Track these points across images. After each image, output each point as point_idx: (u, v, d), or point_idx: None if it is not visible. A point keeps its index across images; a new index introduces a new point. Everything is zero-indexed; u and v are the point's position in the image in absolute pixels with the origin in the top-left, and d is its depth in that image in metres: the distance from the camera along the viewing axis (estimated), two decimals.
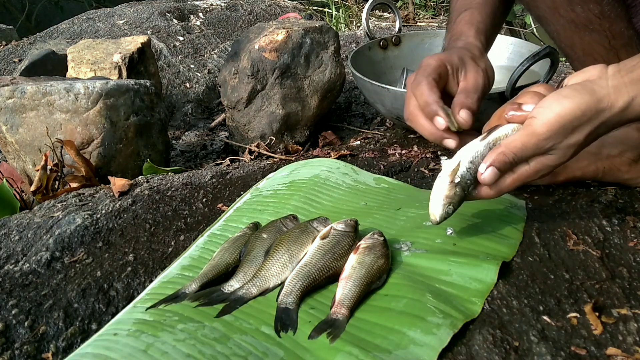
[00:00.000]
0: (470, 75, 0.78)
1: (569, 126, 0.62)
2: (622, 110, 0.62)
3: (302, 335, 0.61)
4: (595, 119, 0.62)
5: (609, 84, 0.62)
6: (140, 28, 2.36)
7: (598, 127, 0.63)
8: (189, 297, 0.68)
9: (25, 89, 1.16)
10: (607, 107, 0.62)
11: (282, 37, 1.34)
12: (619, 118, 0.62)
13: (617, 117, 0.62)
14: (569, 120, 0.62)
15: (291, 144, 1.37)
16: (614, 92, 0.61)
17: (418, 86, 0.74)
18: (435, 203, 0.70)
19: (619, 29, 0.77)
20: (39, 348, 0.67)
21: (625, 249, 0.74)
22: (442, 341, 0.58)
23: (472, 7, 0.88)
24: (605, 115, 0.62)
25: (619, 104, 0.61)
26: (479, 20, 0.86)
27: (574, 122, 0.62)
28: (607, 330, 0.60)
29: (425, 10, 3.28)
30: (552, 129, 0.62)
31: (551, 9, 0.80)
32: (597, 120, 0.62)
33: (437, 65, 0.76)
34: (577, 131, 0.63)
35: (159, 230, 0.90)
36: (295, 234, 0.75)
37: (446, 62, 0.77)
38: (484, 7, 0.88)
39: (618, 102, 0.61)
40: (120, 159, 1.22)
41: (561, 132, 0.63)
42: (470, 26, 0.86)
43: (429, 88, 0.73)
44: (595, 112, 0.62)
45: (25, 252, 0.86)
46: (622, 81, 0.62)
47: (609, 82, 0.62)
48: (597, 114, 0.62)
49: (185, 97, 1.88)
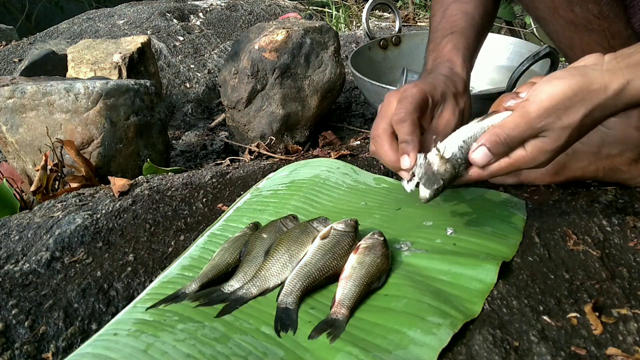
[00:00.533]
0: (445, 114, 0.77)
1: (561, 106, 0.62)
2: (617, 93, 0.62)
3: (302, 335, 0.61)
4: (589, 101, 0.62)
5: (603, 68, 0.63)
6: (140, 28, 2.36)
7: (593, 110, 0.62)
8: (189, 297, 0.68)
9: (25, 89, 1.16)
10: (600, 89, 0.62)
11: (282, 37, 1.34)
12: (615, 101, 0.62)
13: (612, 100, 0.62)
14: (560, 99, 0.62)
15: (291, 144, 1.37)
16: (608, 75, 0.62)
17: (401, 123, 0.72)
18: (426, 182, 0.69)
19: (618, 29, 0.77)
20: (39, 348, 0.67)
21: (625, 249, 0.74)
22: (442, 341, 0.58)
23: (457, 32, 0.86)
24: (600, 96, 0.62)
25: (614, 86, 0.61)
26: (465, 46, 0.85)
27: (565, 101, 0.62)
28: (607, 330, 0.60)
29: (425, 10, 3.28)
30: (543, 107, 0.62)
31: (550, 10, 0.80)
32: (590, 102, 0.62)
33: (421, 99, 0.74)
34: (570, 111, 0.62)
35: (159, 230, 0.90)
36: (295, 234, 0.75)
37: (428, 95, 0.75)
38: (470, 32, 0.86)
39: (612, 84, 0.61)
40: (120, 159, 1.22)
41: (553, 111, 0.62)
42: (457, 53, 0.84)
43: (412, 129, 0.71)
44: (588, 92, 0.62)
45: (25, 252, 0.86)
46: (618, 65, 0.62)
47: (604, 67, 0.63)
48: (589, 94, 0.62)
49: (185, 97, 1.88)
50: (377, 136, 0.75)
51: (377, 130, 0.75)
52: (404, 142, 0.71)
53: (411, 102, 0.73)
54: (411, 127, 0.71)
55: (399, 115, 0.72)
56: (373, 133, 0.76)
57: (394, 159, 0.73)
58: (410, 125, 0.71)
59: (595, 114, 0.63)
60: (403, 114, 0.72)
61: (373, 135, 0.76)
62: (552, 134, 0.64)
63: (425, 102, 0.75)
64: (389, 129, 0.74)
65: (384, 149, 0.74)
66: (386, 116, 0.75)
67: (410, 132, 0.71)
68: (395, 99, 0.75)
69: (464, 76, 0.83)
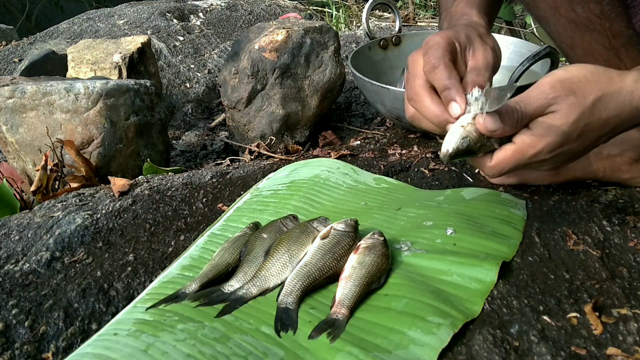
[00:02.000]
0: (479, 53, 0.73)
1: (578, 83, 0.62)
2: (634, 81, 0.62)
3: (302, 335, 0.61)
4: (604, 86, 0.62)
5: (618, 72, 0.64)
6: (140, 28, 2.36)
7: (606, 96, 0.62)
8: (189, 297, 0.68)
9: (25, 89, 1.16)
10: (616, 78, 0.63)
11: (282, 37, 1.34)
12: (630, 95, 0.62)
13: (627, 92, 0.62)
14: (578, 77, 0.62)
15: (291, 144, 1.37)
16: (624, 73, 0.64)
17: (434, 69, 0.67)
18: (451, 135, 0.63)
19: (619, 29, 0.77)
20: (39, 348, 0.67)
21: (625, 249, 0.74)
22: (442, 341, 0.58)
23: None
24: (615, 84, 0.62)
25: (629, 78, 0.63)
26: (478, 2, 0.83)
27: (582, 80, 0.62)
28: (607, 330, 0.60)
29: (425, 10, 3.28)
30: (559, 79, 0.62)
31: (552, 9, 0.79)
32: (605, 88, 0.62)
33: (447, 44, 0.70)
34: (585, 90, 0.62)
35: (159, 230, 0.90)
36: (296, 234, 0.75)
37: (454, 40, 0.72)
38: None
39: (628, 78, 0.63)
40: (120, 159, 1.22)
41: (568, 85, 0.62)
42: (472, 6, 0.82)
43: (448, 72, 0.67)
44: (605, 78, 0.62)
45: (26, 252, 0.86)
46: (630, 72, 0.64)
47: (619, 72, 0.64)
48: (606, 80, 0.62)
49: (185, 97, 1.88)
50: (415, 94, 0.69)
51: (414, 89, 0.69)
52: (445, 88, 0.66)
53: (437, 48, 0.69)
54: (447, 70, 0.67)
55: (430, 62, 0.67)
56: (409, 94, 0.70)
57: (438, 112, 0.66)
58: (445, 68, 0.67)
59: (608, 101, 0.62)
60: (434, 60, 0.67)
61: (410, 96, 0.70)
62: (562, 107, 0.62)
63: (452, 46, 0.71)
64: (425, 84, 0.68)
65: (425, 105, 0.67)
66: (417, 73, 0.70)
67: (448, 76, 0.66)
68: (420, 55, 0.71)
69: (482, 22, 0.80)
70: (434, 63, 0.67)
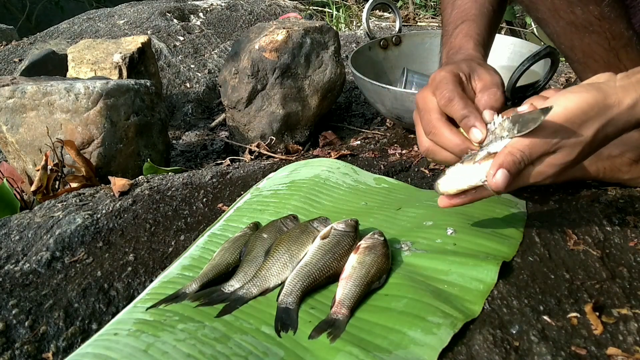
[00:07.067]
0: (484, 75, 0.75)
1: (577, 120, 0.62)
2: (630, 107, 0.62)
3: (302, 335, 0.61)
4: (603, 115, 0.62)
5: (616, 84, 0.63)
6: (140, 28, 2.36)
7: (606, 125, 0.62)
8: (189, 297, 0.68)
9: (25, 89, 1.16)
10: (614, 104, 0.62)
11: (283, 37, 1.34)
12: (628, 117, 0.62)
13: (625, 116, 0.62)
14: (576, 114, 0.62)
15: (291, 143, 1.37)
16: (621, 90, 0.62)
17: (450, 102, 0.69)
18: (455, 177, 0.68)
19: (619, 30, 0.77)
20: (39, 348, 0.67)
21: (625, 248, 0.74)
22: (443, 341, 0.58)
23: (468, 20, 0.86)
24: (613, 111, 0.62)
25: (627, 101, 0.62)
26: (477, 32, 0.85)
27: (581, 116, 0.62)
28: (607, 330, 0.60)
29: (425, 10, 3.28)
30: (561, 121, 0.62)
31: (551, 11, 0.79)
32: (604, 117, 0.62)
33: (454, 76, 0.72)
34: (585, 126, 0.62)
35: (159, 230, 0.90)
36: (296, 234, 0.75)
37: (459, 72, 0.74)
38: (481, 19, 0.86)
39: (625, 100, 0.62)
40: (121, 159, 1.22)
41: (569, 125, 0.62)
42: (469, 39, 0.84)
43: (464, 102, 0.69)
44: (603, 107, 0.62)
45: (26, 252, 0.86)
46: (630, 81, 0.63)
47: (617, 83, 0.63)
48: (604, 109, 0.62)
49: (186, 97, 1.88)
50: (433, 127, 0.71)
51: (431, 123, 0.71)
52: (464, 117, 0.69)
53: (447, 82, 0.71)
54: (463, 101, 0.69)
55: (445, 96, 0.70)
56: (427, 129, 0.72)
57: (459, 141, 0.69)
58: (461, 100, 0.69)
59: (608, 129, 0.63)
60: (448, 93, 0.70)
61: (428, 130, 0.72)
62: (565, 149, 0.63)
63: (458, 77, 0.73)
64: (441, 117, 0.71)
65: (445, 137, 0.70)
66: (430, 108, 0.72)
67: (465, 105, 0.69)
68: (429, 92, 0.73)
69: (478, 55, 0.82)
70: (449, 96, 0.70)
